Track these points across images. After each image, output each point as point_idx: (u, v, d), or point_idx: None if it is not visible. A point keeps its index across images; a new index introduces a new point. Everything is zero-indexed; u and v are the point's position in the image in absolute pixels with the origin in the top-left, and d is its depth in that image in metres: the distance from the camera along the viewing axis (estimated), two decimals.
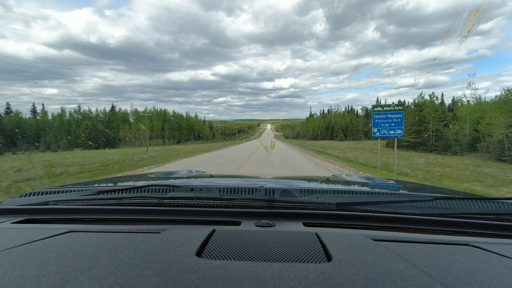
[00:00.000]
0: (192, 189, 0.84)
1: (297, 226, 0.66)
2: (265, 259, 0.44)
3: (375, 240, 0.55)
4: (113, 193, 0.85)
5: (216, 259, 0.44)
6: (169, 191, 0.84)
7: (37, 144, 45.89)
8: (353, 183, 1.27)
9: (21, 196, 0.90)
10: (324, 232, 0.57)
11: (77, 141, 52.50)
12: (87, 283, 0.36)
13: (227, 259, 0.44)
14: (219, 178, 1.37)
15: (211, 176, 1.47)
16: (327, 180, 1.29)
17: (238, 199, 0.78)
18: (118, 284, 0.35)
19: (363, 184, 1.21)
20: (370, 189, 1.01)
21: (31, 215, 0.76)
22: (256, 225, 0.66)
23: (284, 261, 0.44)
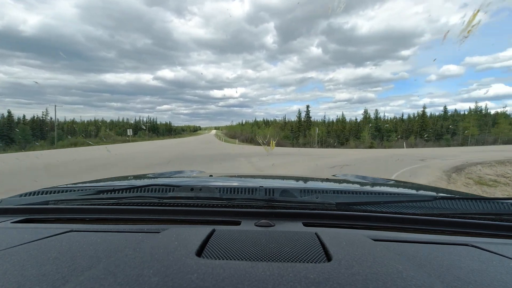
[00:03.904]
0: (192, 189, 0.84)
1: (297, 226, 0.66)
2: (265, 259, 0.44)
3: (375, 240, 0.55)
4: (113, 192, 0.85)
5: (216, 259, 0.43)
6: (169, 191, 0.84)
7: None
8: (353, 183, 1.26)
9: (21, 195, 0.90)
10: (324, 232, 0.57)
11: None
12: (87, 282, 0.36)
13: (227, 259, 0.44)
14: (219, 178, 1.36)
15: (211, 176, 1.46)
16: (327, 180, 1.29)
17: (238, 199, 0.78)
18: (118, 284, 0.35)
19: (363, 184, 1.20)
20: (370, 189, 1.02)
21: (31, 214, 0.76)
22: (256, 225, 0.65)
23: (284, 261, 0.44)
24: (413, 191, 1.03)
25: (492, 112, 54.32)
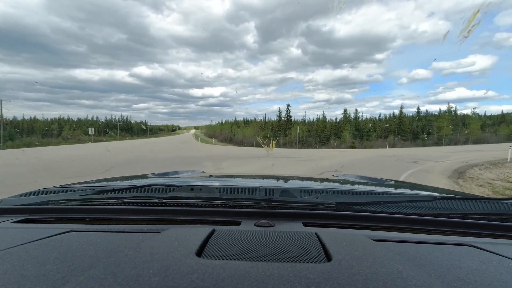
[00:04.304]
0: (192, 189, 0.83)
1: (297, 226, 0.66)
2: (265, 259, 0.44)
3: (375, 240, 0.54)
4: (113, 192, 0.85)
5: (216, 259, 0.43)
6: (169, 191, 0.84)
7: None
8: (353, 183, 1.24)
9: (21, 195, 0.90)
10: (324, 232, 0.57)
11: None
12: (87, 282, 0.36)
13: (227, 259, 0.44)
14: (219, 178, 1.35)
15: (211, 176, 1.46)
16: (327, 180, 1.28)
17: (238, 199, 0.78)
18: (118, 284, 0.35)
19: (363, 184, 1.19)
20: (370, 189, 1.01)
21: (31, 214, 0.76)
22: (256, 225, 0.65)
23: (284, 261, 0.43)
24: (413, 191, 1.03)
25: (459, 113, 57.45)
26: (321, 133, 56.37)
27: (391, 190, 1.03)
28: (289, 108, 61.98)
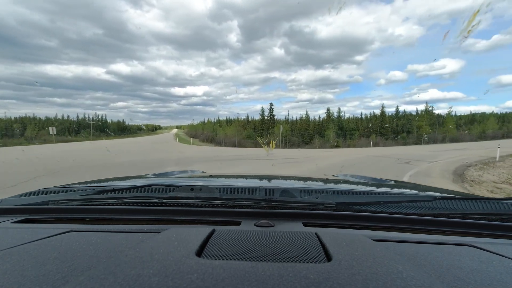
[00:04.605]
0: (192, 189, 0.83)
1: (297, 226, 0.66)
2: (265, 259, 0.44)
3: (375, 240, 0.54)
4: (113, 192, 0.85)
5: (216, 259, 0.43)
6: (169, 191, 0.84)
7: None
8: (353, 183, 1.25)
9: (21, 195, 0.90)
10: (324, 232, 0.57)
11: None
12: (87, 282, 0.36)
13: (227, 259, 0.44)
14: (219, 178, 1.35)
15: (211, 176, 1.46)
16: (327, 180, 1.28)
17: (238, 199, 0.78)
18: (118, 284, 0.35)
19: (363, 184, 1.19)
20: (370, 189, 1.01)
21: (31, 214, 0.76)
22: (256, 225, 0.65)
23: (284, 261, 0.43)
24: (413, 191, 1.03)
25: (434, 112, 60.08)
26: (305, 132, 55.87)
27: (391, 190, 1.03)
28: (272, 107, 61.08)
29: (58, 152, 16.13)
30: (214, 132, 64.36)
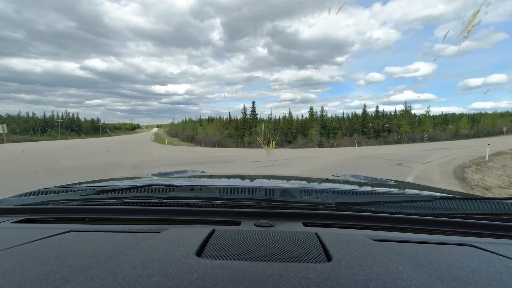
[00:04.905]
0: (192, 189, 0.83)
1: (297, 226, 0.66)
2: (265, 259, 0.44)
3: (375, 240, 0.54)
4: (113, 192, 0.85)
5: (216, 259, 0.43)
6: (169, 191, 0.84)
7: None
8: (353, 183, 1.25)
9: (21, 195, 0.90)
10: (324, 232, 0.57)
11: None
12: (87, 282, 0.36)
13: (227, 259, 0.44)
14: (219, 178, 1.35)
15: (211, 176, 1.45)
16: (327, 180, 1.27)
17: (238, 199, 0.78)
18: (118, 284, 0.35)
19: (363, 184, 1.19)
20: (370, 189, 1.00)
21: (31, 214, 0.76)
22: (256, 225, 0.65)
23: (284, 261, 0.44)
24: (413, 191, 1.02)
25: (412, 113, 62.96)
26: (288, 132, 54.99)
27: (391, 190, 1.03)
28: (255, 106, 59.87)
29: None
30: (194, 132, 61.93)
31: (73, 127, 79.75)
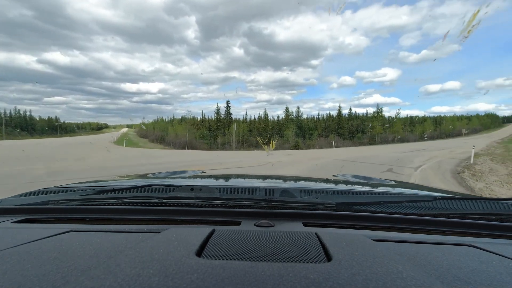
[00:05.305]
0: (192, 189, 0.83)
1: (297, 226, 0.66)
2: (265, 259, 0.44)
3: (375, 240, 0.54)
4: (113, 192, 0.85)
5: (216, 259, 0.43)
6: (169, 191, 0.84)
7: None
8: (353, 183, 1.24)
9: (21, 195, 0.90)
10: (324, 232, 0.57)
11: None
12: (87, 282, 0.36)
13: (227, 259, 0.44)
14: (219, 178, 1.35)
15: (211, 176, 1.45)
16: (327, 180, 1.27)
17: (238, 199, 0.78)
18: (118, 284, 0.35)
19: (363, 184, 1.19)
20: (370, 189, 1.00)
21: (31, 214, 0.76)
22: (256, 225, 0.65)
23: (284, 261, 0.44)
24: (413, 191, 1.02)
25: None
26: (263, 132, 53.40)
27: (391, 190, 1.03)
28: (229, 105, 57.73)
29: None
30: (165, 132, 57.90)
31: (24, 126, 70.53)
